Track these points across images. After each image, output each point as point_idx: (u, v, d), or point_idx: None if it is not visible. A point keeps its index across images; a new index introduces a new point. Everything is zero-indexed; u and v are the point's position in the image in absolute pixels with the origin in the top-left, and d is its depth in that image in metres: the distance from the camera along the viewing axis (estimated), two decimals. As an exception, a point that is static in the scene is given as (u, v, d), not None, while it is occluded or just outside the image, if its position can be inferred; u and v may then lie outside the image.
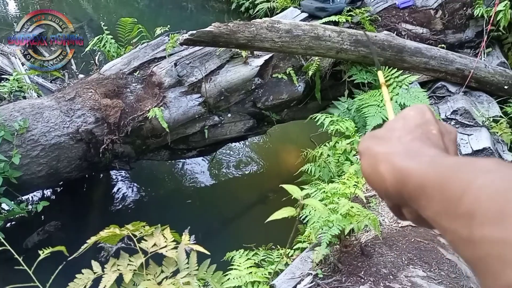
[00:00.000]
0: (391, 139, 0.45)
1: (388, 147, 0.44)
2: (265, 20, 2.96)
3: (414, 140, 0.44)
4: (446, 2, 3.65)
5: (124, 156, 3.04)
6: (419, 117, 0.47)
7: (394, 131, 0.46)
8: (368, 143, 0.46)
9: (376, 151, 0.45)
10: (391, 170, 0.41)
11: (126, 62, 3.17)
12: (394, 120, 0.48)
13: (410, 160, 0.41)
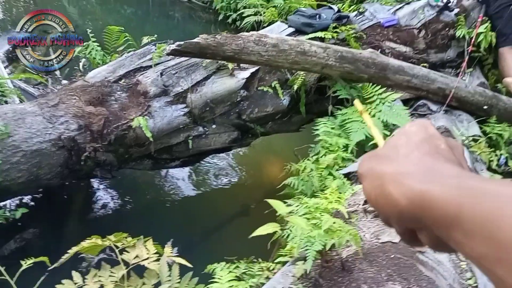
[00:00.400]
0: (397, 157, 0.41)
1: (396, 166, 0.40)
2: (253, 34, 2.99)
3: (424, 156, 0.40)
4: (429, 23, 3.74)
5: (106, 165, 3.01)
6: (422, 132, 0.43)
7: (398, 148, 0.42)
8: (370, 164, 0.43)
9: (382, 171, 0.40)
10: (404, 192, 0.37)
11: (111, 70, 3.16)
12: (395, 138, 0.44)
13: (429, 181, 0.36)
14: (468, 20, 3.85)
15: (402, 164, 0.40)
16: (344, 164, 2.54)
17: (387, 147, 0.44)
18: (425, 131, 0.43)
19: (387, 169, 0.40)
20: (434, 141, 0.42)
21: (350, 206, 2.01)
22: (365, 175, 0.43)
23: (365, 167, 0.44)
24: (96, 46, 3.52)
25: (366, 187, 0.43)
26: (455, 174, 0.37)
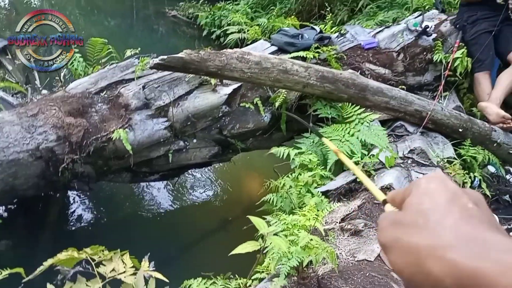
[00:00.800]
0: (427, 226, 0.36)
1: (431, 238, 0.35)
2: (236, 51, 3.03)
3: (459, 222, 0.35)
4: (408, 46, 3.85)
5: (84, 177, 2.98)
6: (444, 189, 0.39)
7: (426, 214, 0.37)
8: (395, 233, 0.38)
9: (415, 244, 0.36)
10: (449, 270, 0.33)
11: (93, 82, 3.15)
12: (416, 199, 0.40)
13: (478, 257, 0.32)
14: (445, 45, 3.97)
15: (438, 234, 0.35)
16: (322, 182, 2.57)
17: (411, 212, 0.39)
18: (446, 189, 0.39)
19: (421, 242, 0.36)
20: (460, 201, 0.38)
21: (328, 223, 2.03)
22: (391, 247, 0.39)
23: (388, 237, 0.39)
24: (79, 57, 3.51)
25: (396, 262, 0.38)
26: (505, 247, 0.33)
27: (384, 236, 0.40)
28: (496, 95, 3.58)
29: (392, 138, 3.11)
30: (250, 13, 6.38)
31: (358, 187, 2.45)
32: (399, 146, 2.94)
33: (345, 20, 5.40)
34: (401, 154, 2.81)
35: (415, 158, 2.71)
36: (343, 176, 2.66)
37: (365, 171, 2.55)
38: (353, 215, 2.05)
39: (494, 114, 3.53)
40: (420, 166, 2.64)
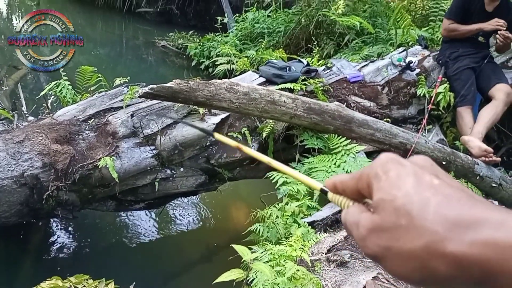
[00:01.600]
0: (413, 226, 0.34)
1: (424, 237, 0.34)
2: (225, 81, 3.08)
3: (441, 209, 0.34)
4: (392, 80, 3.96)
5: (68, 204, 2.94)
6: (404, 173, 0.38)
7: (406, 212, 0.35)
8: (382, 242, 0.36)
9: (410, 249, 0.34)
10: (455, 264, 0.33)
11: (81, 109, 3.15)
12: (385, 195, 0.37)
13: (476, 243, 0.32)
14: (428, 80, 4.09)
15: (428, 230, 0.34)
16: (309, 212, 2.58)
17: (388, 213, 0.37)
18: (406, 171, 0.38)
19: (415, 245, 0.34)
20: (425, 180, 0.37)
21: (314, 254, 2.03)
22: (383, 257, 0.37)
23: (376, 248, 0.37)
24: (68, 84, 3.52)
25: (397, 271, 0.36)
26: (496, 221, 0.33)
27: (370, 248, 0.38)
28: (478, 129, 3.67)
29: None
30: (239, 45, 6.50)
31: (344, 218, 2.45)
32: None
33: (332, 53, 5.53)
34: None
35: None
36: (329, 206, 2.68)
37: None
38: (339, 246, 2.06)
39: (477, 147, 3.61)
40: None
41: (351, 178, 0.43)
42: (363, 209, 0.41)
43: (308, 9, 5.96)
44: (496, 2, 3.83)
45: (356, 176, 0.43)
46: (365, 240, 0.38)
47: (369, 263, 1.89)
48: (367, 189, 0.40)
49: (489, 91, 3.84)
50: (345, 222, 0.43)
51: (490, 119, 3.69)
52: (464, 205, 0.34)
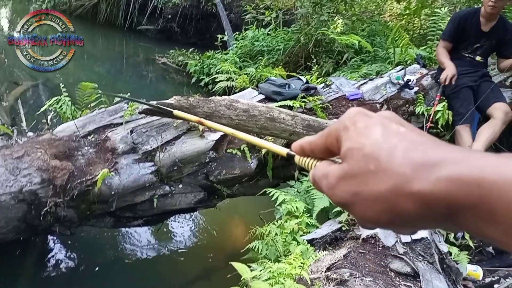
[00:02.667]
0: (382, 169, 0.36)
1: (391, 179, 0.35)
2: (224, 98, 3.10)
3: (407, 153, 0.36)
4: (391, 98, 3.98)
5: (66, 221, 2.93)
6: (372, 123, 0.40)
7: (374, 157, 0.36)
8: (352, 188, 0.37)
9: (378, 191, 0.36)
10: (421, 202, 0.34)
11: (81, 125, 3.16)
12: (354, 144, 0.39)
13: (439, 180, 0.33)
14: (427, 98, 4.12)
15: (395, 172, 0.35)
16: (308, 230, 2.56)
17: (356, 160, 0.38)
18: (373, 122, 0.40)
19: (383, 186, 0.36)
20: (392, 128, 0.39)
21: (313, 272, 2.01)
22: (352, 203, 0.38)
23: (345, 194, 0.38)
24: (68, 100, 3.53)
25: (366, 215, 0.37)
26: (456, 159, 0.34)
27: (339, 195, 0.39)
28: (476, 147, 3.68)
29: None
30: (239, 62, 6.55)
31: (344, 236, 2.45)
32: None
33: (330, 71, 5.58)
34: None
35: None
36: (328, 224, 2.66)
37: (350, 219, 2.55)
38: (338, 264, 2.04)
39: None
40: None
41: (319, 136, 0.45)
42: (331, 163, 0.43)
43: (307, 27, 6.03)
44: (493, 22, 3.87)
45: (325, 133, 0.44)
46: (334, 188, 0.39)
47: (368, 281, 1.88)
48: (336, 144, 0.42)
49: (487, 109, 3.85)
50: (313, 178, 0.44)
51: (488, 138, 3.69)
52: (428, 147, 0.36)
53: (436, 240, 2.57)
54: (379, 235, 2.27)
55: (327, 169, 0.42)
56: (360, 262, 2.06)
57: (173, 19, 10.18)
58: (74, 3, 10.52)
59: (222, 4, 9.01)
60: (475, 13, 3.92)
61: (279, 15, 7.28)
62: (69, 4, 10.55)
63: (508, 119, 3.78)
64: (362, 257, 2.10)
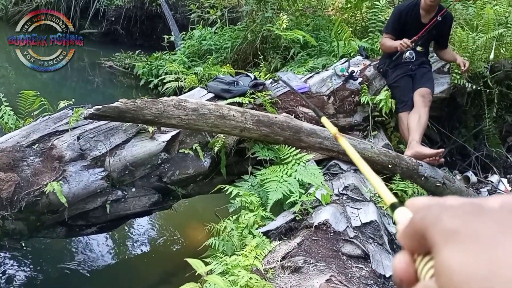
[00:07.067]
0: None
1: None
2: (173, 99, 3.09)
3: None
4: (337, 90, 4.10)
5: (15, 234, 2.82)
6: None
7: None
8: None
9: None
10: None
11: (24, 135, 3.05)
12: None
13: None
14: (371, 88, 4.27)
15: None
16: (263, 222, 2.61)
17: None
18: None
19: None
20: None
21: (269, 263, 2.06)
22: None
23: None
24: (9, 110, 3.40)
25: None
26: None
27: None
28: (414, 138, 3.84)
29: (328, 176, 3.24)
30: (187, 62, 6.52)
31: (298, 226, 2.51)
32: (334, 184, 3.07)
33: (279, 67, 5.66)
34: (336, 191, 2.93)
35: (349, 194, 2.84)
36: (283, 215, 2.72)
37: (304, 209, 2.63)
38: (293, 252, 2.10)
39: (422, 155, 3.77)
40: (355, 202, 2.77)
41: (420, 218, 0.31)
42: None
43: (253, 24, 6.09)
44: (432, 13, 4.05)
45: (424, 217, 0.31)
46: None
47: (322, 267, 1.94)
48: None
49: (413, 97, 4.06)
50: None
51: (417, 125, 3.87)
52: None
53: (385, 222, 2.69)
54: (330, 221, 2.35)
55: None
56: (314, 249, 2.13)
57: (117, 21, 9.95)
58: (11, 10, 10.07)
59: (166, 4, 8.91)
60: (414, 6, 4.10)
61: (224, 13, 7.29)
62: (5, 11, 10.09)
63: (427, 101, 3.99)
64: (315, 244, 2.17)
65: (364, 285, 1.95)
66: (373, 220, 2.48)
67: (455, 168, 4.84)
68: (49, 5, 9.71)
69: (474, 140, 4.98)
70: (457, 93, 4.67)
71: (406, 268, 0.32)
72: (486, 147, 4.87)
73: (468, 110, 4.88)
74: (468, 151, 4.90)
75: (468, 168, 4.79)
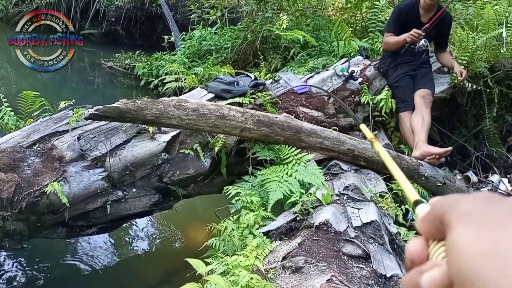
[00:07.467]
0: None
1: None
2: (173, 99, 3.09)
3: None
4: (337, 90, 4.10)
5: (16, 234, 2.83)
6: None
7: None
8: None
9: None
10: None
11: (25, 135, 3.05)
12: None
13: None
14: (371, 88, 4.27)
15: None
16: (264, 222, 2.61)
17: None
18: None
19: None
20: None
21: (270, 263, 2.06)
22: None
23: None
24: (9, 111, 3.40)
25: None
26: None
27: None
28: (420, 138, 3.84)
29: (328, 176, 3.23)
30: (187, 62, 6.52)
31: (298, 226, 2.51)
32: (335, 184, 3.06)
33: (279, 67, 5.66)
34: (337, 191, 2.93)
35: (350, 194, 2.84)
36: (283, 216, 2.72)
37: (304, 209, 2.62)
38: (294, 252, 2.10)
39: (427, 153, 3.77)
40: (355, 202, 2.77)
41: (441, 213, 0.33)
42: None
43: (253, 25, 6.09)
44: (432, 13, 4.06)
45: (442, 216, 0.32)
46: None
47: (323, 267, 1.94)
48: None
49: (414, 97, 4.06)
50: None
51: (421, 125, 3.87)
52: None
53: (386, 222, 2.69)
54: (331, 221, 2.35)
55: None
56: (314, 249, 2.13)
57: (117, 22, 9.95)
58: (11, 10, 10.07)
59: (166, 5, 8.91)
60: (414, 5, 4.11)
61: (224, 13, 7.30)
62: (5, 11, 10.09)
63: (428, 102, 4.00)
64: (316, 244, 2.17)
65: (365, 285, 1.95)
66: (374, 220, 2.48)
67: (456, 168, 4.84)
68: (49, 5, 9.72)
69: (474, 140, 4.98)
70: (457, 93, 4.67)
71: (420, 250, 0.34)
72: (486, 147, 4.87)
73: (469, 110, 4.88)
74: (468, 151, 4.90)
75: (469, 168, 4.79)
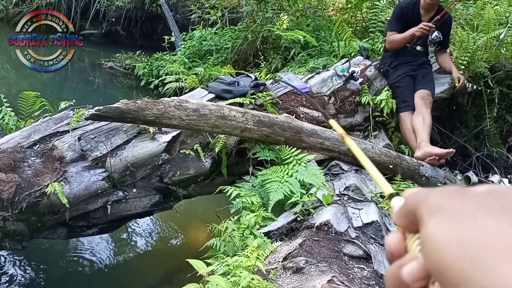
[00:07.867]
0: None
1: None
2: (174, 99, 3.09)
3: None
4: (338, 90, 4.10)
5: (16, 235, 2.83)
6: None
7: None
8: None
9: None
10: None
11: (25, 136, 3.05)
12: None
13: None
14: (372, 88, 4.27)
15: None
16: (264, 223, 2.61)
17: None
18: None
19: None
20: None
21: (271, 263, 2.06)
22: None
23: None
24: (10, 111, 3.40)
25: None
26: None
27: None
28: (422, 138, 3.84)
29: (329, 176, 3.23)
30: (188, 62, 6.52)
31: (299, 226, 2.51)
32: (335, 184, 3.06)
33: (279, 67, 5.66)
34: (337, 191, 2.92)
35: (350, 195, 2.84)
36: (284, 216, 2.72)
37: (305, 209, 2.62)
38: (294, 253, 2.10)
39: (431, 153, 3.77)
40: (356, 202, 2.76)
41: (414, 206, 0.35)
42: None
43: (253, 25, 6.08)
44: (432, 12, 4.06)
45: (417, 209, 0.34)
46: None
47: (323, 267, 1.94)
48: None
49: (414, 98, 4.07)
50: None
51: (422, 126, 3.87)
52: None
53: (386, 223, 2.68)
54: (332, 222, 2.35)
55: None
56: (315, 249, 2.13)
57: (118, 22, 9.95)
58: (11, 10, 10.07)
59: (167, 5, 8.91)
60: (415, 4, 4.11)
61: (224, 13, 7.30)
62: (5, 11, 10.09)
63: (428, 103, 4.00)
64: (317, 244, 2.17)
65: (365, 286, 1.95)
66: (375, 220, 2.48)
67: (456, 168, 4.83)
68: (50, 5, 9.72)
69: (474, 140, 4.98)
70: (458, 93, 4.66)
71: (397, 244, 0.37)
72: (487, 147, 4.86)
73: (469, 110, 4.88)
74: (469, 151, 4.90)
75: (469, 168, 4.78)
